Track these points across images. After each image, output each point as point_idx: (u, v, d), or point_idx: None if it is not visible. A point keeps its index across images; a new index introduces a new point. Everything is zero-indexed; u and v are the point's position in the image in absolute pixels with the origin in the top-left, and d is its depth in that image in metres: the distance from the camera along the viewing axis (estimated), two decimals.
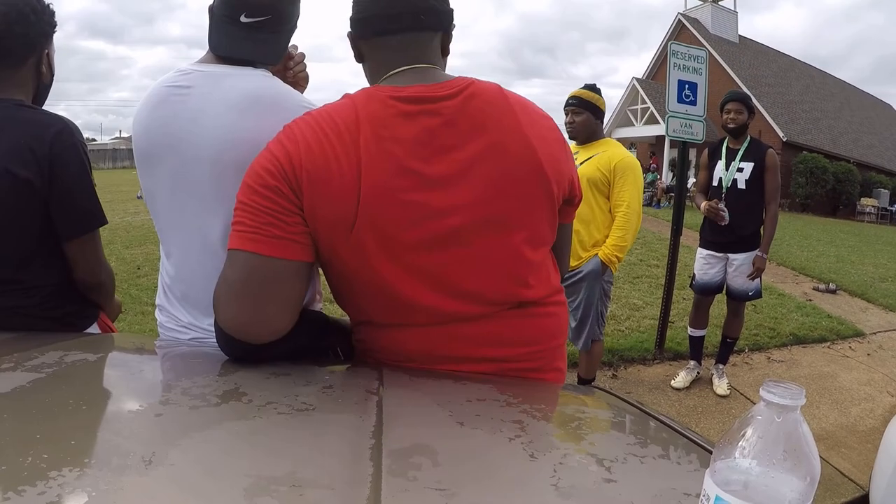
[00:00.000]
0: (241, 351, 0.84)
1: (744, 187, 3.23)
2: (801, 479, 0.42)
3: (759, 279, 3.32)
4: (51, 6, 1.25)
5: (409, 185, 0.84)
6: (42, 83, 1.29)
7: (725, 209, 3.23)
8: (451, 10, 0.97)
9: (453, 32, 0.99)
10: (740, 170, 3.23)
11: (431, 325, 0.90)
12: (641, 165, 3.11)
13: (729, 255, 3.35)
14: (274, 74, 1.10)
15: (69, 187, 1.18)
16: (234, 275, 0.82)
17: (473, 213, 0.87)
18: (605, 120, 3.17)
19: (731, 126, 3.25)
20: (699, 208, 3.39)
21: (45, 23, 1.24)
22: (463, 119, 0.88)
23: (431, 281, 0.88)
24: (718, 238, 3.34)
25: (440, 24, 0.95)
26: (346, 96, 0.90)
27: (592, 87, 2.87)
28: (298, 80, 1.24)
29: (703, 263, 3.44)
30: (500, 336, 0.93)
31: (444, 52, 0.98)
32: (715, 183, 3.33)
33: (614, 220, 2.78)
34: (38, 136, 1.14)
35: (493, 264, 0.90)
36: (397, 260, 0.86)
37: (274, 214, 0.81)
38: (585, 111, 2.80)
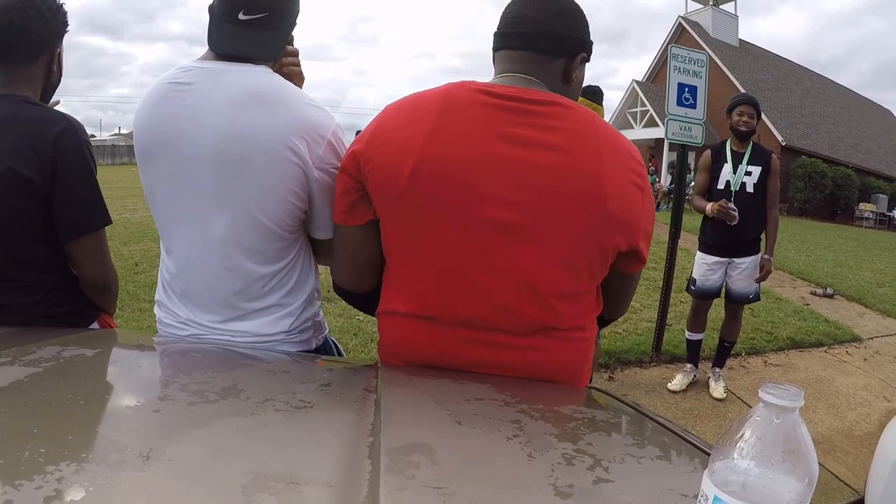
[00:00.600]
0: (351, 299, 1.09)
1: (752, 191, 3.22)
2: (800, 480, 0.42)
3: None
4: (64, 6, 1.25)
5: (465, 162, 0.87)
6: (51, 82, 1.30)
7: (736, 209, 3.19)
8: (582, 41, 0.99)
9: (581, 64, 1.00)
10: (748, 173, 3.23)
11: (441, 320, 0.92)
12: None
13: (734, 259, 3.33)
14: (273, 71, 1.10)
15: (71, 186, 1.17)
16: (333, 241, 1.05)
17: (517, 212, 0.87)
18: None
19: (744, 129, 3.21)
20: (698, 210, 3.38)
21: (59, 21, 1.24)
22: (540, 125, 0.89)
23: (460, 260, 0.89)
24: (722, 242, 3.31)
25: (561, 51, 0.97)
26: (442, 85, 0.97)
27: (590, 89, 2.80)
28: (291, 74, 1.22)
29: (705, 269, 3.40)
30: (500, 363, 0.93)
31: (567, 78, 0.99)
32: (721, 186, 3.29)
33: None
34: (41, 135, 1.14)
35: (538, 262, 0.89)
36: (430, 230, 0.89)
37: (346, 183, 0.95)
38: None
